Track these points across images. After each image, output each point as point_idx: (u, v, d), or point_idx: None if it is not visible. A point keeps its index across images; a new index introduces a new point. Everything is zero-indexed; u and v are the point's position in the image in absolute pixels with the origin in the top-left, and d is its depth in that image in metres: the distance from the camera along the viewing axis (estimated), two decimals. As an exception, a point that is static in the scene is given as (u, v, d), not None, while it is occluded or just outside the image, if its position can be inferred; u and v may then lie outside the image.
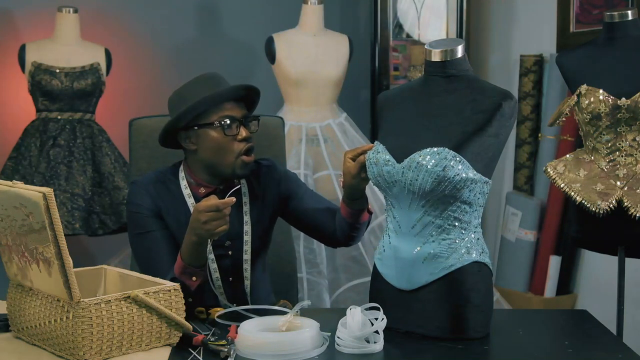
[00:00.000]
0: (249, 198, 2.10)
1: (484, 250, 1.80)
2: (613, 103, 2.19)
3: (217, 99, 1.99)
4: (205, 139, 2.01)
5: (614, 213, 2.18)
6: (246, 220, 2.08)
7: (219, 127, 1.99)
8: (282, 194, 2.15)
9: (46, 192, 1.49)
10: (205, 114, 2.00)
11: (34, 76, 3.63)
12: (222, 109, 2.00)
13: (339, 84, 3.80)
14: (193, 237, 1.86)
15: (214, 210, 1.80)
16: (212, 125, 2.00)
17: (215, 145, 2.00)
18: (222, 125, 1.99)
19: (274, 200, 2.14)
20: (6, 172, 3.61)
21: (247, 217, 2.08)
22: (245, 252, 2.08)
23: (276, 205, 2.15)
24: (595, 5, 3.54)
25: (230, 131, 2.00)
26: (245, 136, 2.01)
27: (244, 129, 2.01)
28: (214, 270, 2.05)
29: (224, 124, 1.99)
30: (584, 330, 1.89)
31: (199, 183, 2.06)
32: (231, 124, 2.00)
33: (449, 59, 1.80)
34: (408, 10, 4.28)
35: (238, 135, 2.00)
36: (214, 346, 1.65)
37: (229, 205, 1.82)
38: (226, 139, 2.00)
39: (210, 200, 1.82)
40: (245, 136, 2.01)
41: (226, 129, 1.99)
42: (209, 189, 2.05)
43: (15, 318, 1.75)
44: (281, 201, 2.15)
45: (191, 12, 4.40)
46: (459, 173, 1.69)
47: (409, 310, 1.79)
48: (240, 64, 4.39)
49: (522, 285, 3.81)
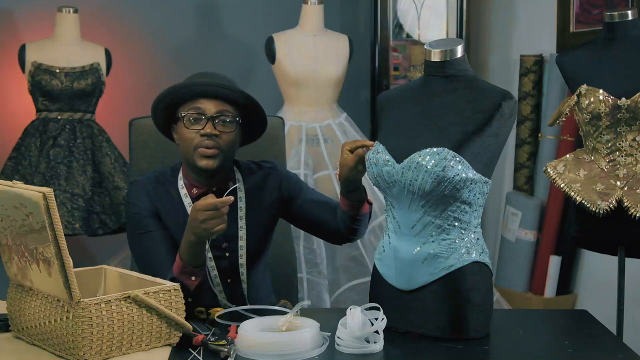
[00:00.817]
0: (245, 202, 2.10)
1: (484, 250, 1.80)
2: (613, 103, 2.19)
3: (178, 93, 2.00)
4: (179, 133, 2.03)
5: (614, 213, 2.18)
6: (241, 226, 2.07)
7: (187, 120, 2.00)
8: (283, 196, 2.14)
9: (46, 192, 1.49)
10: (180, 108, 2.01)
11: (34, 76, 3.63)
12: (195, 104, 2.00)
13: (339, 84, 3.80)
14: (191, 237, 1.86)
15: (211, 209, 1.80)
16: (182, 118, 2.01)
17: (183, 139, 2.01)
18: (185, 118, 1.99)
19: (274, 204, 2.14)
20: (6, 172, 3.61)
21: (242, 222, 2.07)
22: (241, 257, 2.07)
23: (276, 208, 2.14)
24: (595, 5, 3.54)
25: (195, 126, 1.99)
26: (208, 132, 1.98)
27: (210, 125, 1.99)
28: (212, 270, 2.05)
29: (187, 116, 1.99)
30: (584, 330, 1.89)
31: (191, 183, 2.06)
32: (198, 119, 1.99)
33: (449, 59, 1.80)
34: (408, 10, 4.28)
35: (202, 130, 1.99)
36: (214, 346, 1.65)
37: (226, 204, 1.82)
38: (190, 132, 1.99)
39: (208, 199, 1.82)
40: (208, 132, 1.98)
41: (189, 123, 1.99)
42: (200, 190, 2.05)
43: (15, 318, 1.75)
44: (282, 204, 2.15)
45: (191, 12, 4.40)
46: (458, 173, 1.69)
47: (409, 310, 1.79)
48: (240, 64, 4.39)
49: (522, 285, 3.81)
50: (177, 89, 2.01)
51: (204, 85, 2.00)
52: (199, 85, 2.00)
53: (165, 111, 2.05)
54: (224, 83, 2.03)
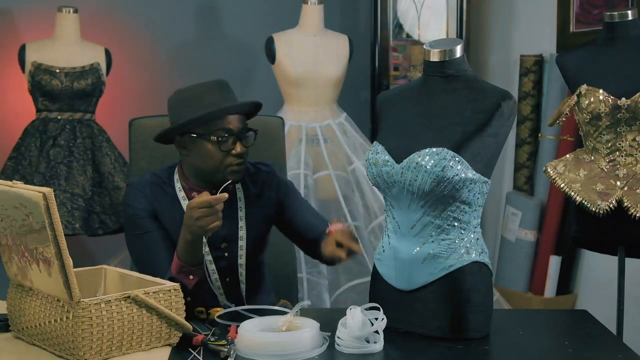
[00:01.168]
0: (245, 202, 2.10)
1: (484, 250, 1.80)
2: (613, 103, 2.19)
3: (220, 115, 1.98)
4: (200, 148, 2.00)
5: (614, 213, 2.18)
6: (241, 226, 2.08)
7: (216, 141, 1.98)
8: (280, 201, 2.15)
9: (46, 192, 1.49)
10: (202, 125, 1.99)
11: (34, 76, 3.63)
12: (221, 121, 1.98)
13: (339, 84, 3.80)
14: (187, 235, 1.86)
15: (205, 207, 1.80)
16: (208, 138, 1.98)
17: (208, 157, 1.99)
18: (219, 141, 1.98)
19: (271, 206, 2.14)
20: (6, 172, 3.61)
21: (242, 222, 2.08)
22: (240, 257, 2.08)
23: (272, 211, 2.14)
24: (595, 5, 3.54)
25: (226, 146, 1.98)
26: (239, 152, 1.99)
27: (239, 145, 1.99)
28: (212, 272, 2.05)
29: (221, 139, 1.98)
30: (584, 330, 1.89)
31: (191, 187, 2.05)
32: (227, 139, 1.98)
33: (448, 59, 1.80)
34: (408, 10, 4.28)
35: (233, 151, 1.98)
36: (214, 346, 1.65)
37: (221, 201, 1.81)
38: (220, 153, 1.99)
39: (203, 197, 1.82)
40: (239, 152, 1.99)
41: (222, 144, 1.98)
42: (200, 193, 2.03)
43: (15, 318, 1.75)
44: (277, 208, 2.15)
45: (191, 12, 4.40)
46: (458, 173, 1.69)
47: (409, 310, 1.79)
48: (240, 64, 4.39)
49: (522, 285, 3.81)
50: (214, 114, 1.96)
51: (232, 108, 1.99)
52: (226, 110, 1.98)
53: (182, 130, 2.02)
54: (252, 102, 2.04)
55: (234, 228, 2.07)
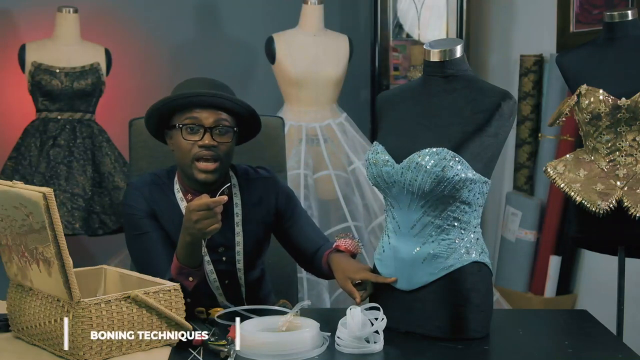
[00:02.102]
0: (242, 208, 2.09)
1: (484, 250, 1.80)
2: (613, 103, 2.19)
3: (176, 103, 1.97)
4: (174, 141, 2.01)
5: (614, 213, 2.18)
6: (238, 232, 2.06)
7: (180, 129, 1.98)
8: (279, 209, 2.13)
9: (46, 192, 1.49)
10: (176, 117, 1.99)
11: (34, 76, 3.63)
12: (191, 113, 1.97)
13: (339, 84, 3.80)
14: (186, 237, 1.85)
15: (204, 209, 1.80)
16: (176, 127, 1.99)
17: (178, 148, 2.00)
18: (182, 128, 1.97)
19: (270, 212, 2.12)
20: (6, 172, 3.61)
21: (238, 228, 2.07)
22: (238, 262, 2.07)
23: (270, 218, 2.12)
24: (595, 5, 3.54)
25: (192, 136, 1.97)
26: (206, 143, 1.96)
27: (208, 136, 1.96)
28: (211, 272, 2.04)
29: (184, 126, 1.97)
30: (584, 330, 1.89)
31: (186, 189, 2.05)
32: (196, 129, 1.97)
33: (448, 59, 1.80)
34: (408, 10, 4.28)
35: (200, 141, 1.97)
36: (214, 346, 1.65)
37: (220, 204, 1.81)
38: (187, 143, 1.97)
39: (202, 199, 1.81)
40: (206, 143, 1.96)
41: (186, 133, 1.97)
42: (195, 196, 2.02)
43: (15, 318, 1.75)
44: (276, 216, 2.13)
45: (191, 12, 4.40)
46: (458, 173, 1.69)
47: (409, 310, 1.79)
48: (240, 64, 4.39)
49: (522, 285, 3.81)
50: (172, 100, 1.97)
51: (200, 95, 1.97)
52: (194, 95, 1.97)
53: (158, 118, 2.03)
54: (219, 92, 1.99)
55: (231, 234, 2.06)
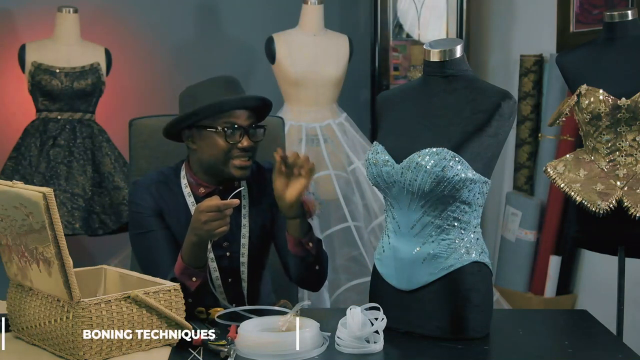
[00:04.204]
0: (248, 201, 2.10)
1: (484, 250, 1.80)
2: (613, 103, 2.19)
3: (225, 107, 1.99)
4: (208, 142, 2.01)
5: (614, 213, 2.18)
6: (244, 224, 2.08)
7: (222, 133, 2.00)
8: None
9: (46, 192, 1.49)
10: (212, 118, 2.01)
11: (34, 76, 3.63)
12: (229, 115, 2.00)
13: (339, 84, 3.80)
14: (193, 237, 1.86)
15: (214, 211, 1.81)
16: (215, 130, 2.00)
17: (215, 150, 2.01)
18: (225, 132, 1.99)
19: (274, 204, 2.13)
20: (6, 172, 3.61)
21: (245, 220, 2.08)
22: (242, 255, 2.08)
23: (276, 210, 2.14)
24: (595, 5, 3.54)
25: (233, 138, 2.00)
26: (246, 146, 2.01)
27: (246, 139, 2.01)
28: (214, 270, 2.05)
29: (227, 131, 1.99)
30: (584, 330, 1.89)
31: (198, 183, 2.06)
32: (235, 132, 2.00)
33: (448, 59, 1.80)
34: (408, 10, 4.28)
35: (239, 144, 2.00)
36: (214, 346, 1.65)
37: (230, 207, 1.82)
38: (227, 145, 2.00)
39: (212, 201, 1.82)
40: (246, 146, 2.01)
41: (228, 136, 2.00)
42: (208, 189, 2.06)
43: (15, 318, 1.75)
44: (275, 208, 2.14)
45: (191, 12, 4.40)
46: (458, 173, 1.69)
47: (409, 310, 1.79)
48: (240, 64, 4.39)
49: (522, 285, 3.81)
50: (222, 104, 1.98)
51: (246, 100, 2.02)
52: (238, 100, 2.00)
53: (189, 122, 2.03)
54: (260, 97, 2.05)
55: (236, 227, 2.07)
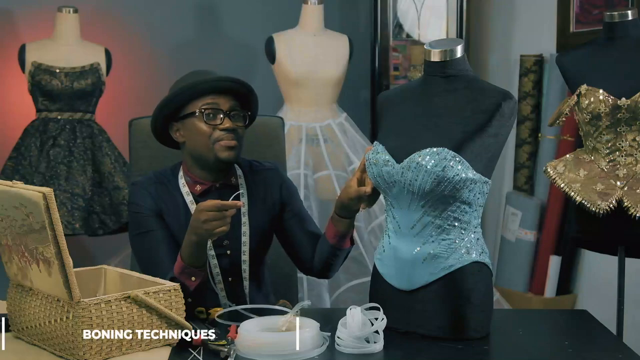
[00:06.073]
0: (248, 199, 2.10)
1: (484, 250, 1.80)
2: (613, 103, 2.19)
3: (197, 89, 2.00)
4: (191, 128, 2.02)
5: (614, 213, 2.18)
6: (244, 222, 2.08)
7: (201, 115, 2.00)
8: (283, 199, 2.15)
9: (46, 192, 1.49)
10: (190, 105, 2.01)
11: (34, 76, 3.63)
12: (208, 99, 2.01)
13: (339, 84, 3.80)
14: (193, 237, 1.86)
15: (214, 210, 1.81)
16: (194, 115, 2.01)
17: (199, 135, 2.01)
18: (203, 113, 2.00)
19: (275, 203, 2.14)
20: (6, 172, 3.62)
21: (245, 218, 2.08)
22: (244, 253, 2.08)
23: (276, 208, 2.14)
24: (595, 5, 3.54)
25: (213, 120, 2.00)
26: (228, 126, 2.00)
27: (228, 120, 2.01)
28: (214, 266, 2.05)
29: (204, 111, 2.00)
30: (584, 330, 1.89)
31: (195, 180, 2.06)
32: (215, 114, 2.00)
33: (448, 59, 1.80)
34: (408, 10, 4.28)
35: (220, 125, 2.00)
36: (214, 346, 1.65)
37: (233, 208, 1.82)
38: (208, 127, 2.00)
39: (214, 200, 1.82)
40: (228, 126, 2.00)
41: (208, 119, 2.00)
42: (204, 185, 2.05)
43: (15, 318, 1.75)
44: (280, 207, 2.15)
45: (191, 12, 4.41)
46: (458, 173, 1.69)
47: (409, 310, 1.79)
48: (240, 64, 4.39)
49: (522, 285, 3.81)
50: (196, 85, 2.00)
51: (221, 80, 2.02)
52: (216, 80, 2.01)
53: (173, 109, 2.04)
54: (236, 78, 2.04)
55: (237, 225, 2.07)
